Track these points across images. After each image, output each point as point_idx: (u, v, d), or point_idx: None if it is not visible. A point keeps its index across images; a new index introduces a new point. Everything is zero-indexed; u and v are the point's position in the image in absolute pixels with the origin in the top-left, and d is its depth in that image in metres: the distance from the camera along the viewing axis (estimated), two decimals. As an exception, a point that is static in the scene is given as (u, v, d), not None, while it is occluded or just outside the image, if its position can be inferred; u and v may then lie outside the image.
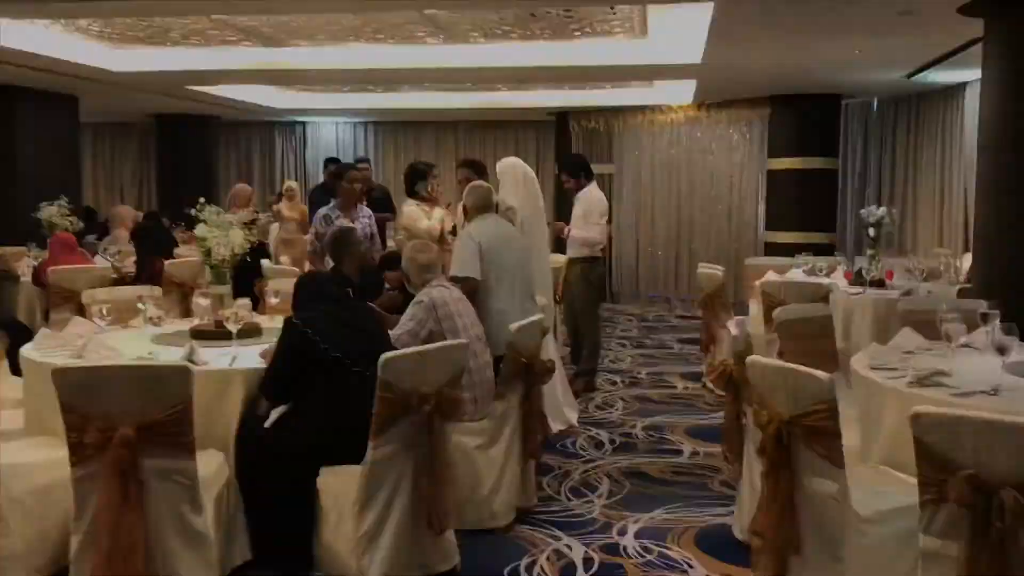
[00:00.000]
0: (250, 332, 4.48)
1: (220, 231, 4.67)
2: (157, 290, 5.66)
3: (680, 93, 10.75)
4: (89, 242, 10.35)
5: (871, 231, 7.24)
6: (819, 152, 10.45)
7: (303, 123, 14.79)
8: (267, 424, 3.69)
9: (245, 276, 7.27)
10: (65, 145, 10.83)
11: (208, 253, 4.65)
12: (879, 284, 6.77)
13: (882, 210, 7.19)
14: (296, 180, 14.05)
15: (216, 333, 4.34)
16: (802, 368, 3.11)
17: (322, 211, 6.29)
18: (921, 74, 8.82)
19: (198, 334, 4.53)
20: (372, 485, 3.37)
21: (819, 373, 3.02)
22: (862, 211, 7.38)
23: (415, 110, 12.49)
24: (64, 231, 8.50)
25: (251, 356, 4.00)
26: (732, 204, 11.58)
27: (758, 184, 11.40)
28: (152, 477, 3.17)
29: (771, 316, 6.21)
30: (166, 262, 7.89)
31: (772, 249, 10.61)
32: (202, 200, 11.35)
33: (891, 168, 10.81)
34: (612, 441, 5.70)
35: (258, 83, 9.85)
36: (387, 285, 5.58)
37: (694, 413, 6.45)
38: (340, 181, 6.31)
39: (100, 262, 8.80)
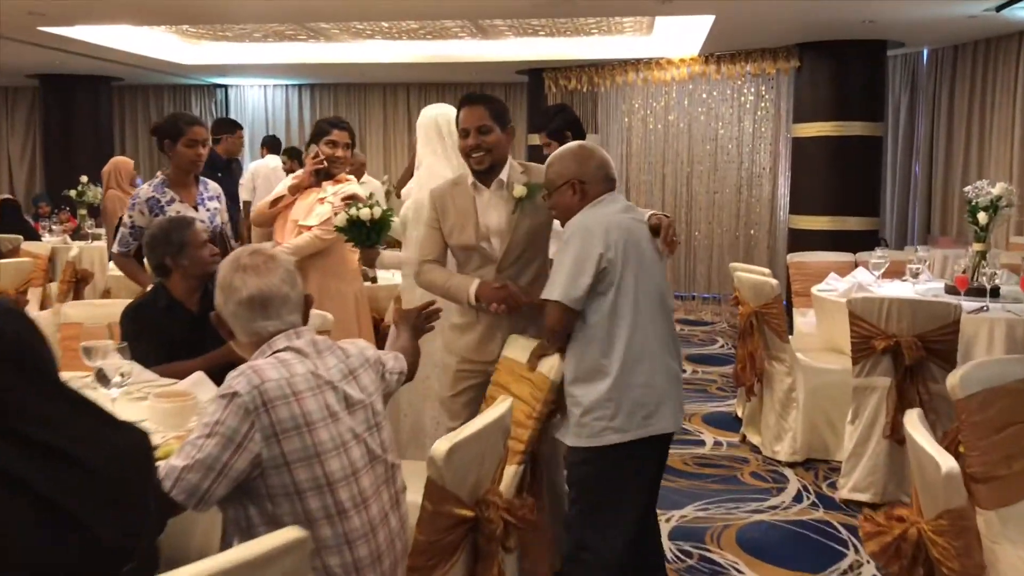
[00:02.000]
0: None
1: None
2: None
3: (685, 42, 8.50)
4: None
5: (981, 217, 5.05)
6: (860, 115, 8.19)
7: (224, 86, 12.36)
8: None
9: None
10: None
11: None
12: (994, 294, 4.63)
13: (1000, 186, 4.99)
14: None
15: None
16: None
17: (143, 189, 3.98)
18: (1011, 7, 6.63)
19: None
20: None
21: None
22: (968, 188, 5.19)
23: (356, 66, 10.11)
24: None
25: None
26: (746, 181, 9.35)
27: (780, 156, 9.17)
28: None
29: (866, 352, 4.04)
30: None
31: (798, 238, 8.42)
32: (84, 179, 8.87)
33: (947, 135, 8.61)
34: None
35: (132, 21, 7.45)
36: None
37: (743, 495, 4.24)
38: (173, 142, 3.95)
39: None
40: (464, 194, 3.19)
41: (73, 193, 9.15)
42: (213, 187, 4.11)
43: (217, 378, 2.84)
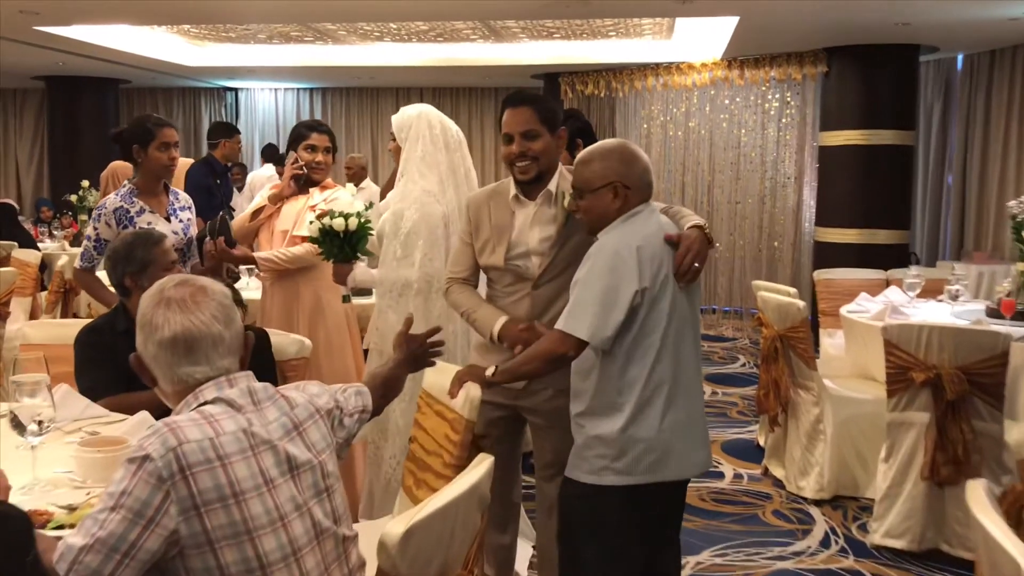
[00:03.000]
0: None
1: None
2: None
3: (707, 45, 8.16)
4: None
5: (1027, 234, 4.67)
6: (890, 123, 7.80)
7: (235, 89, 12.11)
8: None
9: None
10: None
11: None
12: (1039, 319, 4.24)
13: (1049, 202, 4.61)
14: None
15: None
16: None
17: (110, 199, 3.66)
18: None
19: None
20: None
21: None
22: (1011, 204, 4.81)
23: (366, 69, 9.82)
24: None
25: None
26: (769, 191, 8.94)
27: (805, 165, 8.77)
28: None
29: (903, 384, 3.67)
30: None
31: (824, 251, 8.05)
32: (85, 183, 8.62)
33: (982, 145, 8.18)
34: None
35: (130, 20, 7.18)
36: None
37: (765, 538, 3.86)
38: (143, 146, 3.63)
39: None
40: (502, 207, 2.79)
41: (74, 198, 8.92)
42: (184, 197, 3.80)
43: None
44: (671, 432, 2.38)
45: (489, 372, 2.46)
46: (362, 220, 3.25)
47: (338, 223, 3.21)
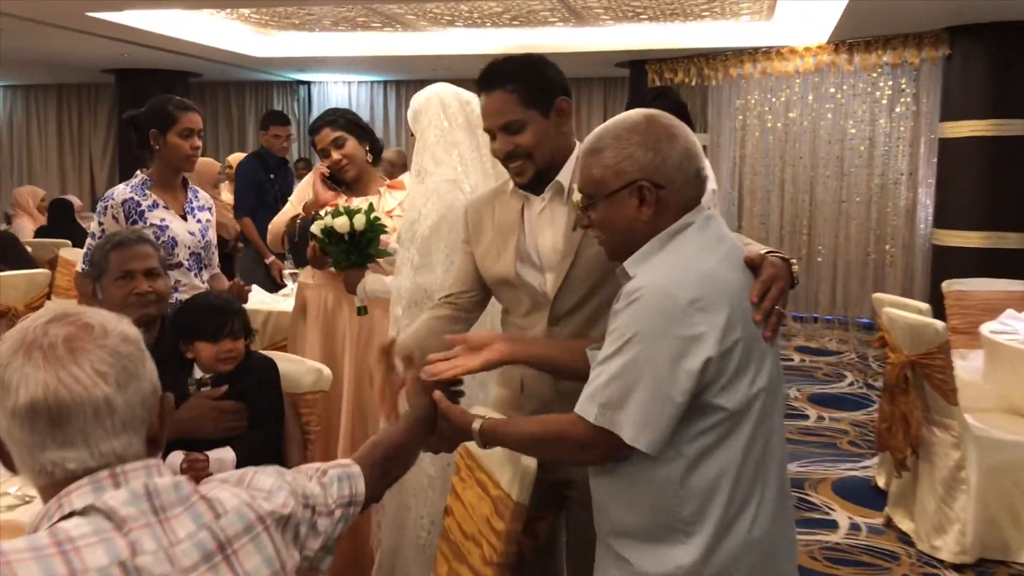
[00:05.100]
0: None
1: None
2: None
3: (812, 27, 7.34)
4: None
5: None
6: (1021, 112, 6.90)
7: (307, 83, 11.71)
8: None
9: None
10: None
11: None
12: None
13: None
14: (303, 154, 11.12)
15: None
16: None
17: (118, 190, 3.16)
18: None
19: None
20: None
21: None
22: None
23: (440, 58, 9.28)
24: None
25: None
26: (879, 189, 8.07)
27: (921, 160, 7.87)
28: None
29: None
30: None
31: (943, 256, 7.17)
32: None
33: None
34: None
35: (183, 5, 6.74)
36: (195, 376, 2.38)
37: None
38: (163, 132, 3.14)
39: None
40: (507, 206, 2.09)
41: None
42: (204, 197, 3.29)
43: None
44: (762, 555, 1.57)
45: (476, 425, 1.69)
46: (371, 217, 2.67)
47: (341, 223, 2.64)
